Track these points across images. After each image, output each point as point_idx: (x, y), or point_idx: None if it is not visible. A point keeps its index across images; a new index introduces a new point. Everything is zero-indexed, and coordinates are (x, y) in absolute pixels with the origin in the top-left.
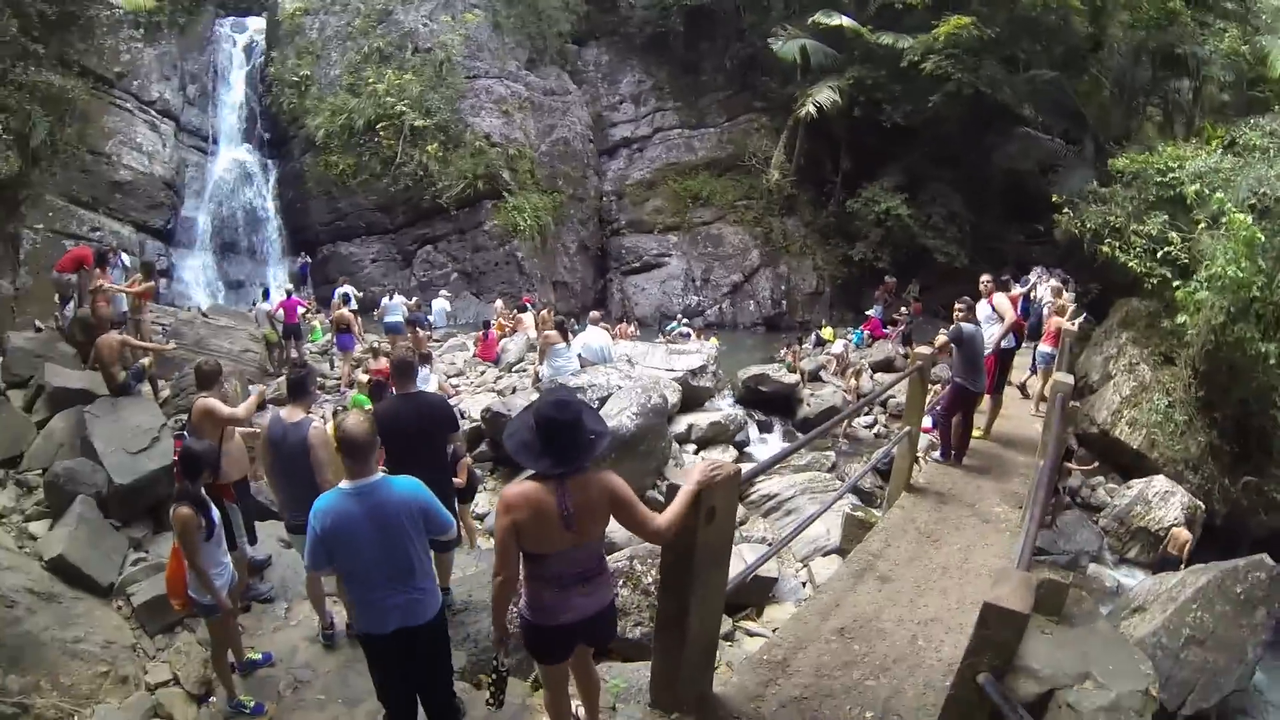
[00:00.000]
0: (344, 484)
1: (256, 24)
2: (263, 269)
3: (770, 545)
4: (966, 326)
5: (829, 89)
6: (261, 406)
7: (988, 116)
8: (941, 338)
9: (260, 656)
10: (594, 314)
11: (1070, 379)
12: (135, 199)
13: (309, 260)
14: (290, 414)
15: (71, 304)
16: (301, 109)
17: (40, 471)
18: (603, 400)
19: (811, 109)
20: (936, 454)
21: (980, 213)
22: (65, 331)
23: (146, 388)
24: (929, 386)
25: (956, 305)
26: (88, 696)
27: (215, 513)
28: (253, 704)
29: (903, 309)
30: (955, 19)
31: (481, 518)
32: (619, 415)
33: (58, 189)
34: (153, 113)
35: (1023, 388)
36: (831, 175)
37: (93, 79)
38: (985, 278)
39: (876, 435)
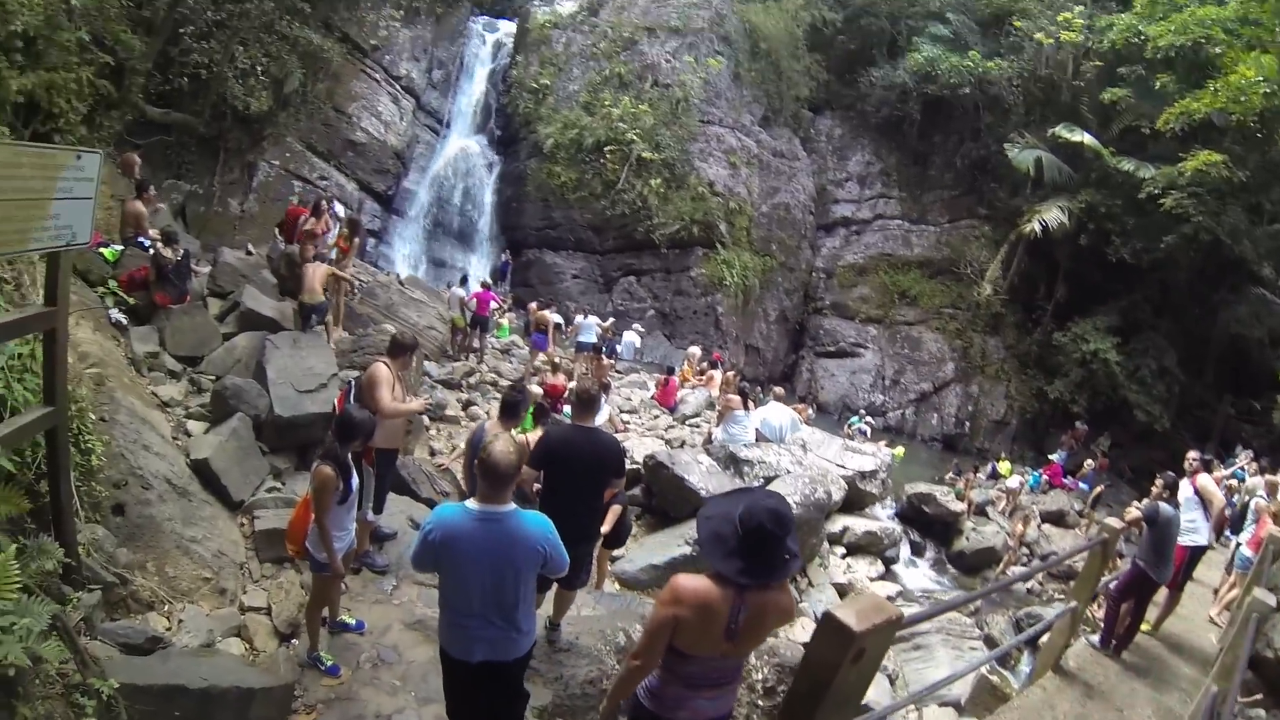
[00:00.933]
0: (472, 504)
1: (508, 27)
2: (467, 255)
3: (890, 677)
4: (1165, 508)
5: (1058, 209)
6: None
7: (1221, 269)
8: (1134, 512)
9: (353, 622)
10: (777, 389)
11: (1273, 600)
12: (365, 160)
13: (511, 260)
14: (494, 427)
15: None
16: (535, 115)
17: (214, 378)
18: (768, 479)
19: (1037, 227)
20: (1095, 638)
21: (1193, 375)
22: (273, 262)
23: (322, 331)
24: (1110, 562)
25: (1159, 479)
26: (184, 594)
27: (355, 480)
28: (330, 663)
29: (1089, 461)
30: (1205, 154)
31: (614, 559)
32: None
33: (299, 134)
34: (397, 87)
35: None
36: (1043, 301)
37: (350, 46)
38: (1193, 455)
39: (1029, 590)
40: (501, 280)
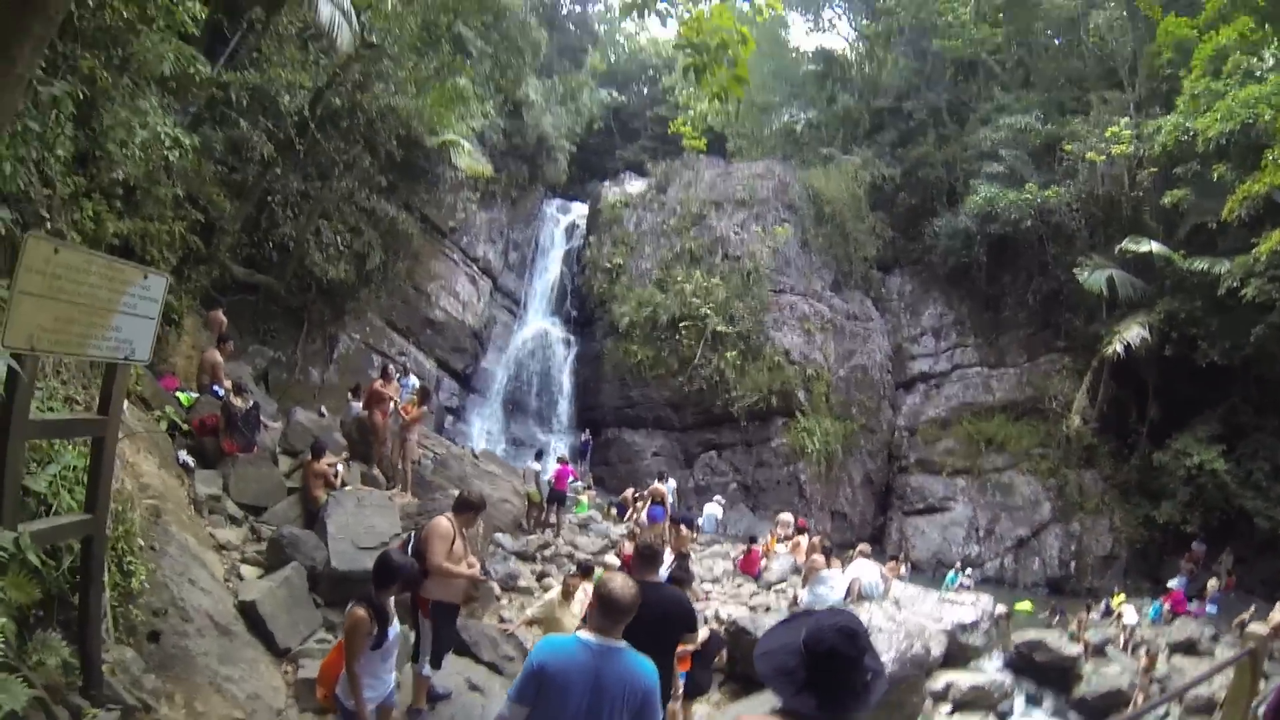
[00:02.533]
0: (585, 634)
1: (580, 209)
2: (547, 435)
3: None
4: None
5: (1138, 325)
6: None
7: None
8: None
9: None
10: (863, 546)
11: None
12: (443, 338)
13: (591, 439)
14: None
15: (357, 405)
16: (610, 294)
17: (274, 529)
18: None
19: (1119, 348)
20: None
21: None
22: (345, 425)
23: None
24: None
25: None
26: None
27: (394, 629)
28: None
29: (1211, 581)
30: (1278, 233)
31: None
32: None
33: (379, 310)
34: (475, 268)
35: None
36: (1137, 425)
37: (429, 226)
38: None
39: None
40: (582, 459)
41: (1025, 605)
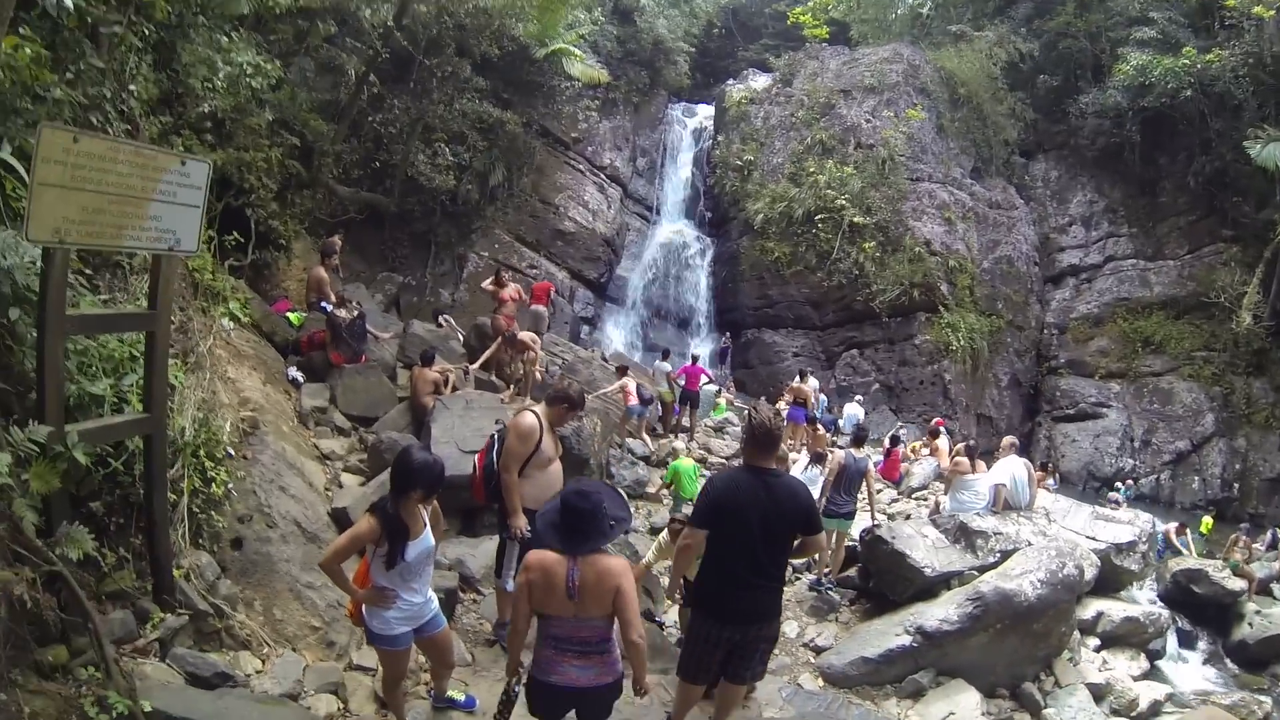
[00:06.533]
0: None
1: (705, 110)
2: (684, 340)
3: None
4: None
5: None
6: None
7: None
8: None
9: (463, 699)
10: (1010, 438)
11: None
12: (574, 249)
13: (731, 342)
14: (857, 451)
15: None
16: (743, 193)
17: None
18: (1006, 554)
19: None
20: None
21: None
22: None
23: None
24: None
25: None
26: (288, 639)
27: (420, 543)
28: None
29: None
30: None
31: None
32: (1020, 577)
33: (506, 226)
34: (602, 176)
35: None
36: None
37: (552, 140)
38: None
39: None
40: (722, 362)
41: (1206, 522)
